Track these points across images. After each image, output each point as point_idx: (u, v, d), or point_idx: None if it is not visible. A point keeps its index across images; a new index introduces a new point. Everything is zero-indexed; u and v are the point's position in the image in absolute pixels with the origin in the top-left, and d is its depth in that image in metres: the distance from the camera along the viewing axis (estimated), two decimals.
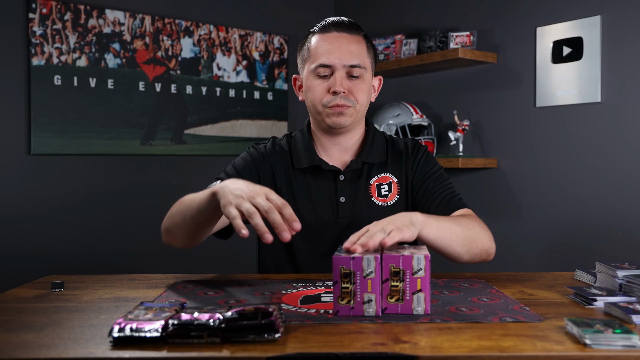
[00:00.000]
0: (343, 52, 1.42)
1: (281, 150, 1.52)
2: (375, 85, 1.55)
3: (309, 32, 1.49)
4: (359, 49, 1.44)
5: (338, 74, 1.41)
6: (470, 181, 2.82)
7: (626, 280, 1.08)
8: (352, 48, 1.43)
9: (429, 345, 0.82)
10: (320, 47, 1.43)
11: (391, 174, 1.50)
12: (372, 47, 1.51)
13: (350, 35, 1.45)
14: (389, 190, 1.48)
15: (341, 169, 1.48)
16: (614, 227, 2.31)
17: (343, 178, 1.47)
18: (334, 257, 0.95)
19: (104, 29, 2.69)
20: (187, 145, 2.96)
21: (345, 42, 1.43)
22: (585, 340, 0.79)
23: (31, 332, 0.89)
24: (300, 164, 1.48)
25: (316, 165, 1.47)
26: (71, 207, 2.60)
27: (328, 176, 1.48)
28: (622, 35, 2.31)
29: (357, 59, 1.43)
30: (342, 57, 1.41)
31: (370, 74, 1.49)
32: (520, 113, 2.64)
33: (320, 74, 1.43)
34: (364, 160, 1.48)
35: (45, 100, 2.52)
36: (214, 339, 0.82)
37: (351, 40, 1.44)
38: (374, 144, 1.51)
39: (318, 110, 1.45)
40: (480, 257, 1.34)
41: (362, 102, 1.45)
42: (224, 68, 3.08)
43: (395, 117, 2.86)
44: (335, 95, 1.41)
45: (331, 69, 1.42)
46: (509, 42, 2.68)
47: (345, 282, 0.95)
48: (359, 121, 1.50)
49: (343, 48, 1.42)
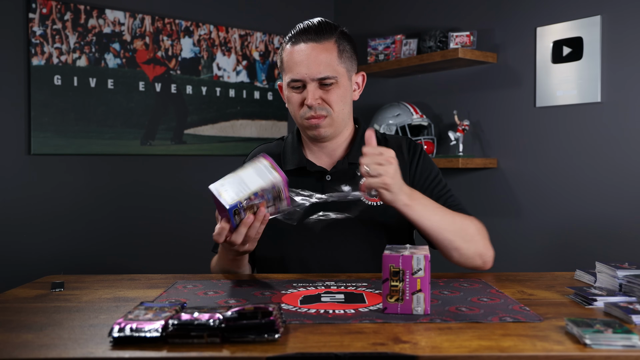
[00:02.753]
0: (312, 65, 1.39)
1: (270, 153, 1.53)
2: (359, 82, 1.52)
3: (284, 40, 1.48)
4: (328, 58, 1.40)
5: (309, 87, 1.40)
6: (470, 181, 2.82)
7: (626, 280, 1.08)
8: (321, 59, 1.39)
9: (429, 345, 0.82)
10: (290, 61, 1.42)
11: None
12: (348, 45, 1.46)
13: (319, 43, 1.40)
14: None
15: (328, 170, 1.48)
16: (614, 227, 2.31)
17: (330, 178, 1.46)
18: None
19: (104, 29, 2.69)
20: (187, 145, 2.96)
21: (314, 54, 1.39)
22: (585, 340, 0.79)
23: (31, 332, 0.89)
24: (287, 166, 1.49)
25: (303, 167, 1.48)
26: (71, 207, 2.60)
27: (315, 177, 1.48)
28: (622, 35, 2.31)
29: (326, 70, 1.40)
30: (311, 71, 1.39)
31: (346, 77, 1.45)
32: (520, 113, 2.64)
33: (294, 87, 1.43)
34: (351, 161, 1.47)
35: (45, 100, 2.52)
36: (214, 339, 0.82)
37: (320, 50, 1.40)
38: (361, 144, 1.49)
39: (298, 122, 1.47)
40: (473, 261, 1.36)
41: (338, 109, 1.43)
42: (224, 68, 3.08)
43: (395, 117, 2.86)
44: (310, 109, 1.41)
45: (302, 82, 1.41)
46: (509, 42, 2.68)
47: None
48: (343, 125, 1.49)
49: (311, 61, 1.39)
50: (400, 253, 0.97)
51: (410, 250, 0.99)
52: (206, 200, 3.02)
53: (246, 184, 1.16)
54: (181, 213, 2.89)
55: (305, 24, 1.45)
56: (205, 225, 2.16)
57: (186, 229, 2.88)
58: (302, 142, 1.55)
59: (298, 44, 1.42)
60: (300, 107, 1.43)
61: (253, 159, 1.23)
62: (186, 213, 2.90)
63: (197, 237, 2.45)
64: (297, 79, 1.41)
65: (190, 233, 2.86)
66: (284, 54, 1.45)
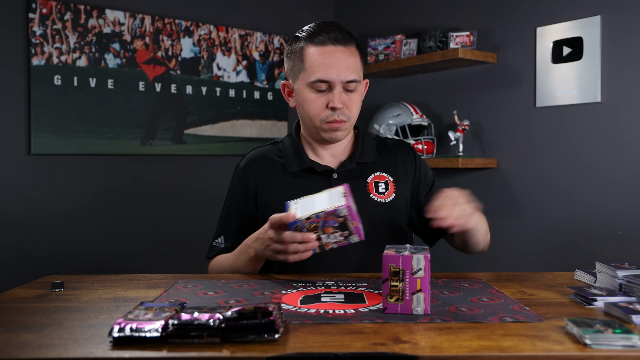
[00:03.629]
0: (342, 68, 1.40)
1: (266, 156, 1.55)
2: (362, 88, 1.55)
3: (298, 38, 1.47)
4: (355, 62, 1.43)
5: (336, 90, 1.41)
6: (470, 181, 2.82)
7: (626, 280, 1.08)
8: (350, 63, 1.42)
9: (429, 345, 0.82)
10: (317, 61, 1.41)
11: (386, 173, 1.52)
12: (362, 52, 1.51)
13: (346, 47, 1.43)
14: (386, 188, 1.50)
15: (334, 169, 1.49)
16: (614, 227, 2.31)
17: (337, 177, 1.48)
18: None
19: (104, 29, 2.69)
20: (187, 145, 2.96)
21: (343, 57, 1.41)
22: (585, 340, 0.79)
23: (31, 332, 0.89)
24: (291, 168, 1.49)
25: (309, 168, 1.49)
26: (71, 207, 2.60)
27: (322, 177, 1.48)
28: (622, 35, 2.31)
29: (354, 73, 1.42)
30: (341, 74, 1.41)
31: (362, 83, 1.49)
32: (520, 113, 2.64)
33: (318, 89, 1.42)
34: (358, 161, 1.50)
35: (45, 100, 2.52)
36: (214, 339, 0.82)
37: (348, 55, 1.42)
38: (365, 145, 1.54)
39: (315, 124, 1.46)
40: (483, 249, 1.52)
41: (355, 114, 1.47)
42: (224, 68, 3.08)
43: (395, 117, 2.86)
44: (334, 112, 1.42)
45: (329, 84, 1.41)
46: (509, 42, 2.68)
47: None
48: (352, 128, 1.53)
49: (341, 64, 1.41)
50: (400, 253, 0.97)
51: (410, 250, 0.99)
52: (206, 200, 3.03)
53: (314, 205, 1.19)
54: (181, 213, 2.89)
55: (328, 25, 1.45)
56: (205, 225, 2.16)
57: (186, 229, 2.88)
58: (302, 143, 1.54)
59: (324, 44, 1.42)
60: (322, 109, 1.43)
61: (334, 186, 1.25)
62: (186, 213, 2.90)
63: (197, 237, 2.45)
64: (326, 80, 1.40)
65: (190, 233, 2.86)
66: (307, 52, 1.43)
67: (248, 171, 1.55)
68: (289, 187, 1.48)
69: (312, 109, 1.44)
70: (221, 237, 1.55)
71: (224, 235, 1.55)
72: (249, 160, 1.57)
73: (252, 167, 1.55)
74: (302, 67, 1.45)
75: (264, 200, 1.50)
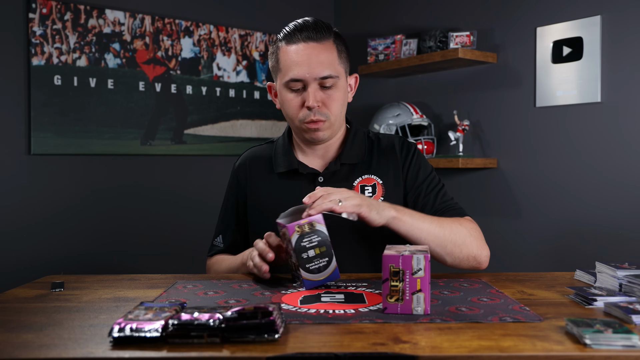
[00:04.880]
0: (313, 64, 1.36)
1: (258, 157, 1.55)
2: (352, 84, 1.50)
3: (277, 38, 1.44)
4: (329, 57, 1.38)
5: (310, 88, 1.37)
6: (470, 181, 2.82)
7: (626, 280, 1.08)
8: (322, 58, 1.37)
9: (429, 345, 0.82)
10: (288, 60, 1.38)
11: (376, 175, 1.46)
12: (344, 46, 1.44)
13: (319, 43, 1.38)
14: (373, 192, 1.44)
15: (320, 171, 1.47)
16: (614, 227, 2.31)
17: (322, 180, 1.45)
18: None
19: (104, 29, 2.69)
20: (187, 145, 2.96)
21: (315, 53, 1.36)
22: (585, 340, 0.79)
23: (31, 332, 0.89)
24: (278, 169, 1.48)
25: (295, 169, 1.47)
26: (71, 207, 2.60)
27: (307, 179, 1.46)
28: (622, 35, 2.31)
29: (328, 69, 1.37)
30: (313, 70, 1.36)
31: (344, 78, 1.44)
32: (520, 113, 2.64)
33: (293, 88, 1.39)
34: (343, 162, 1.46)
35: (45, 100, 2.52)
36: (214, 339, 0.82)
37: (320, 50, 1.37)
38: (353, 145, 1.49)
39: (295, 125, 1.44)
40: (467, 263, 1.36)
41: (336, 113, 1.42)
42: (224, 68, 3.08)
43: (395, 117, 2.86)
44: (310, 111, 1.38)
45: (303, 82, 1.38)
46: (509, 42, 2.68)
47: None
48: (339, 128, 1.48)
49: (312, 60, 1.36)
50: (400, 253, 0.97)
51: (410, 250, 0.99)
52: (206, 200, 3.03)
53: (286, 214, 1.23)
54: (181, 213, 2.89)
55: (301, 22, 1.41)
56: (205, 226, 2.16)
57: (186, 229, 2.88)
58: (292, 143, 1.53)
59: (296, 43, 1.38)
60: (299, 109, 1.40)
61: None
62: (186, 213, 2.90)
63: (197, 237, 2.45)
64: (297, 78, 1.37)
65: (190, 233, 2.86)
66: (280, 53, 1.41)
67: (240, 171, 1.56)
68: (275, 188, 1.47)
69: (290, 109, 1.42)
70: (220, 237, 1.57)
71: (222, 235, 1.56)
72: (242, 161, 1.58)
73: (244, 167, 1.56)
74: (278, 68, 1.43)
75: (252, 200, 1.51)
